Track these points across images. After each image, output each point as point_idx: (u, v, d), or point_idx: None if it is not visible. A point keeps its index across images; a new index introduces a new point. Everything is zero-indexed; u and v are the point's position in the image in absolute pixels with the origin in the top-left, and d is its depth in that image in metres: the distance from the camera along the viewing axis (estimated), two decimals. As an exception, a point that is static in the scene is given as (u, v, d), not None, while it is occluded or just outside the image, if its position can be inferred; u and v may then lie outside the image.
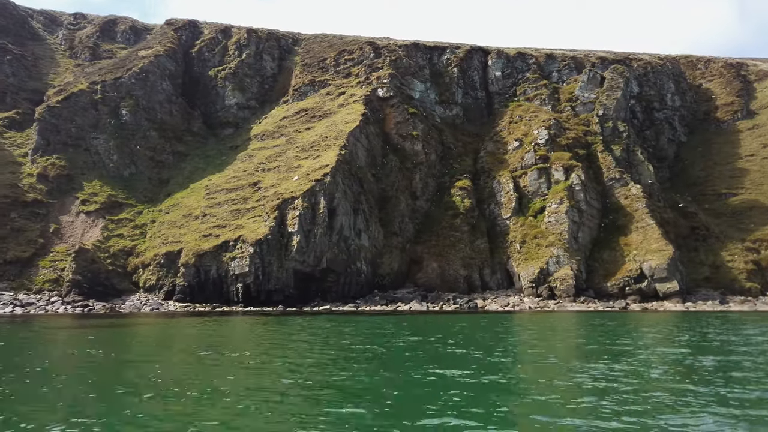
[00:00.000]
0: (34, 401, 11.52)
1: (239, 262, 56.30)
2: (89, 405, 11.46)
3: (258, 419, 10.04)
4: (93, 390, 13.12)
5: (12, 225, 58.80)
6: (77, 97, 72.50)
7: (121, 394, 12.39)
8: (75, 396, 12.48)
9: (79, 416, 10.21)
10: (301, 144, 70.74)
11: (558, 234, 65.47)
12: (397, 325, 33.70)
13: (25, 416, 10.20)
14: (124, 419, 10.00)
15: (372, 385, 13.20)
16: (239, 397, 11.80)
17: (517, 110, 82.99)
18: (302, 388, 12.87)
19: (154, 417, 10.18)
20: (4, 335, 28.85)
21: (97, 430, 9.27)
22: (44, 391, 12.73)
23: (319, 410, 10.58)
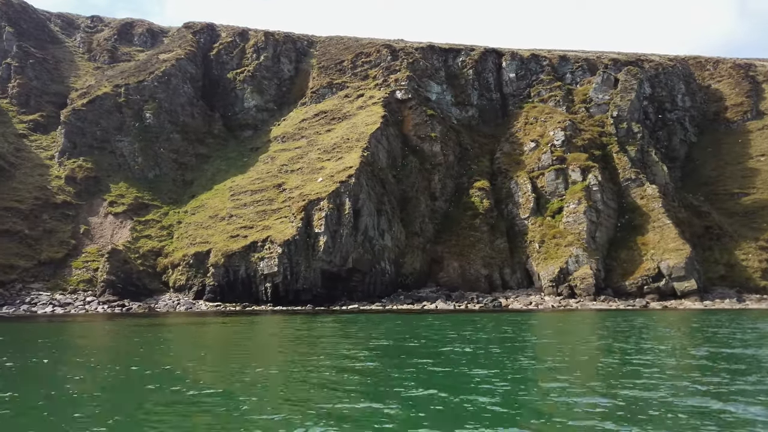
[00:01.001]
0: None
1: (268, 263, 57.57)
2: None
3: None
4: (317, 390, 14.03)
5: (44, 226, 60.06)
6: (102, 100, 73.72)
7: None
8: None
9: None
10: (322, 146, 71.96)
11: (576, 234, 66.74)
12: (451, 322, 34.94)
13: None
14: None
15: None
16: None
17: (532, 111, 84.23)
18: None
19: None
20: (98, 333, 30.10)
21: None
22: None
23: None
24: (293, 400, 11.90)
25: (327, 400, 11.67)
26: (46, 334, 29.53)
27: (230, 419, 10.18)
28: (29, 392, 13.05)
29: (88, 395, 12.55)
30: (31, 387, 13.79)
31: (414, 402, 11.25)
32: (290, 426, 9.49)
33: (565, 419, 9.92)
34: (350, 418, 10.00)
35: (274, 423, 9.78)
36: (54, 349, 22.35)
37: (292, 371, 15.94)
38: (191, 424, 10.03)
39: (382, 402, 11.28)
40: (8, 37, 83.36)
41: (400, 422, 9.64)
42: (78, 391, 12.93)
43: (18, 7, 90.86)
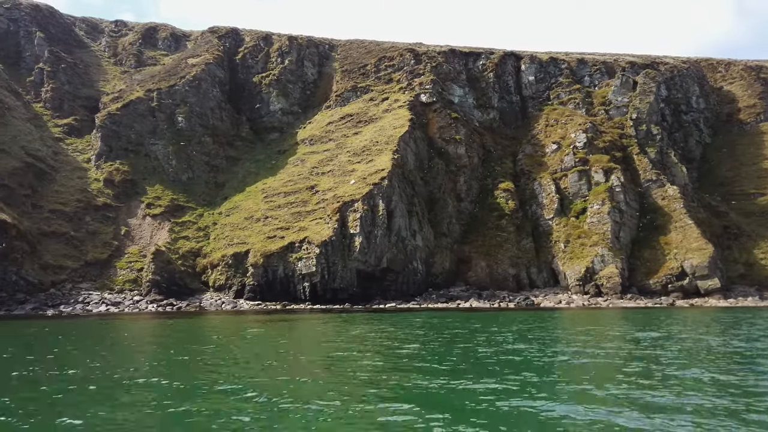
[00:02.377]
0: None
1: (306, 263, 59.38)
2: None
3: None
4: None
5: (87, 228, 61.85)
6: (135, 104, 75.49)
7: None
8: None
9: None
10: (351, 149, 73.74)
11: (601, 234, 68.56)
12: (502, 320, 36.77)
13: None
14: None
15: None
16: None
17: (552, 114, 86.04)
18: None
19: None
20: (189, 331, 31.88)
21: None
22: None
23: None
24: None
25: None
26: (145, 332, 31.27)
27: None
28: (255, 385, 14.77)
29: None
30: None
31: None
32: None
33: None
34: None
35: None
36: (203, 345, 24.15)
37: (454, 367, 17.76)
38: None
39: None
40: (39, 42, 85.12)
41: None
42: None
43: (46, 12, 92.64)
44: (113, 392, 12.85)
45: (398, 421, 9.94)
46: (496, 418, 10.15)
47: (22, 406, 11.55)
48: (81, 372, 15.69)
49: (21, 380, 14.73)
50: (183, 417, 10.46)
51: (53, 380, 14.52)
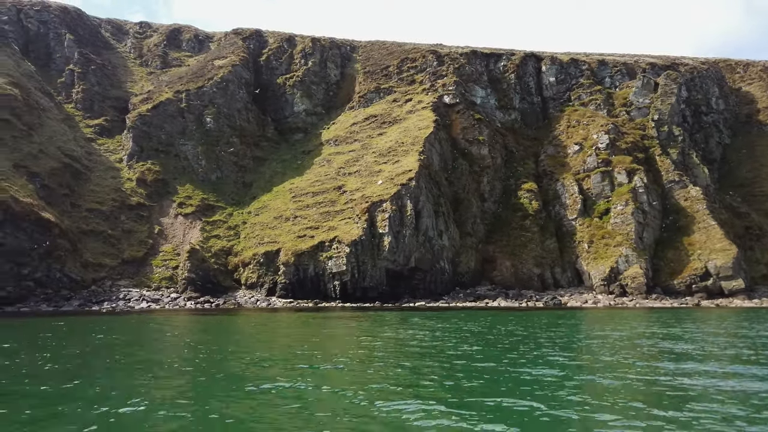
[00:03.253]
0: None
1: (336, 261, 60.63)
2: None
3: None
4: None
5: (122, 227, 63.42)
6: (165, 105, 77.02)
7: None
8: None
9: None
10: (377, 149, 74.90)
11: (625, 234, 69.37)
12: (544, 319, 37.83)
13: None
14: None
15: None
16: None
17: (574, 115, 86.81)
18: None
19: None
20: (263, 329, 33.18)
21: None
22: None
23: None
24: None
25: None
26: (204, 329, 32.54)
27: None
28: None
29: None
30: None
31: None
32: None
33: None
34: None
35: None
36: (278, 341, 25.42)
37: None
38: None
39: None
40: (69, 44, 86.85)
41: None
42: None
43: (74, 13, 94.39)
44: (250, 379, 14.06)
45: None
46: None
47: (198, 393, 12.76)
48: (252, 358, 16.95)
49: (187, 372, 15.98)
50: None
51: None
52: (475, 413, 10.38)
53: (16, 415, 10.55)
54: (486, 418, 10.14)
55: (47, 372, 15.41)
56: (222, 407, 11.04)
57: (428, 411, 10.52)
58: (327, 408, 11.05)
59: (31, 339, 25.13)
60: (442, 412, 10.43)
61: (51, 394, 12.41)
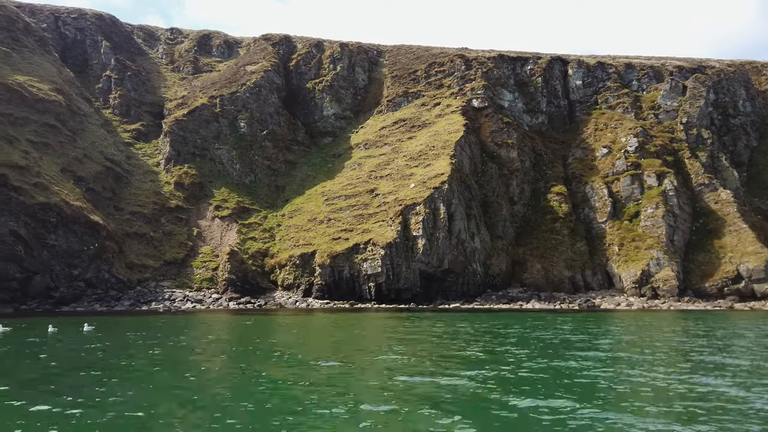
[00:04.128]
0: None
1: (371, 263, 61.86)
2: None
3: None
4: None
5: (163, 229, 65.25)
6: (200, 110, 78.91)
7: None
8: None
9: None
10: (407, 153, 76.03)
11: (656, 237, 69.73)
12: (592, 321, 38.66)
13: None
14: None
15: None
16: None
17: (601, 118, 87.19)
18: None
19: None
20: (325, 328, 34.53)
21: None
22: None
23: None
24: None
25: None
26: (281, 328, 33.92)
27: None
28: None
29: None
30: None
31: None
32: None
33: None
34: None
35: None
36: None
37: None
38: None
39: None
40: (106, 50, 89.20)
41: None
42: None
43: (108, 20, 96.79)
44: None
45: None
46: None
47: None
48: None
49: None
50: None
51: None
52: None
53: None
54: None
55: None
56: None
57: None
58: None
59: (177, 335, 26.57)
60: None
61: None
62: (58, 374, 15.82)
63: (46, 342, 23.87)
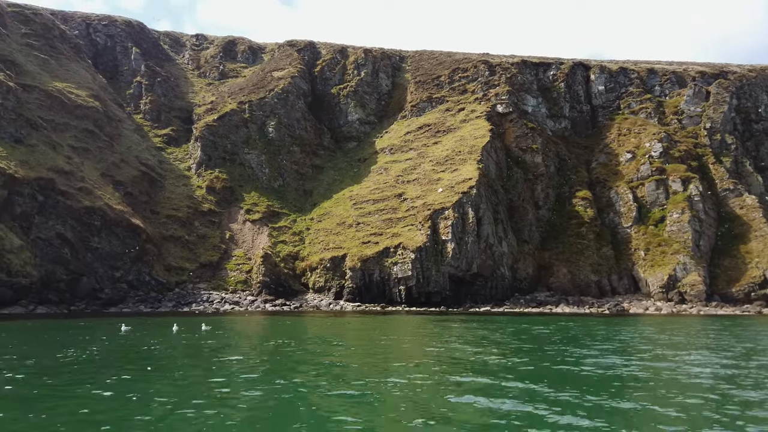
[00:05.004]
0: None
1: (401, 267, 62.92)
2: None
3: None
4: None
5: (197, 232, 66.72)
6: (230, 116, 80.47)
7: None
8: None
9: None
10: (433, 158, 77.08)
11: (682, 242, 70.22)
12: (632, 325, 39.44)
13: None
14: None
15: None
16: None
17: (624, 123, 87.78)
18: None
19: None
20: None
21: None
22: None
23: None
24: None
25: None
26: (339, 331, 35.04)
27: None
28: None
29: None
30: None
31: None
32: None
33: None
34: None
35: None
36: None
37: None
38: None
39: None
40: (136, 57, 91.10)
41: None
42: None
43: (137, 27, 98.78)
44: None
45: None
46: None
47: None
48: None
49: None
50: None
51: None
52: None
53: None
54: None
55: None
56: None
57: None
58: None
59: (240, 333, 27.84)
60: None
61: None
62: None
63: (174, 339, 25.40)
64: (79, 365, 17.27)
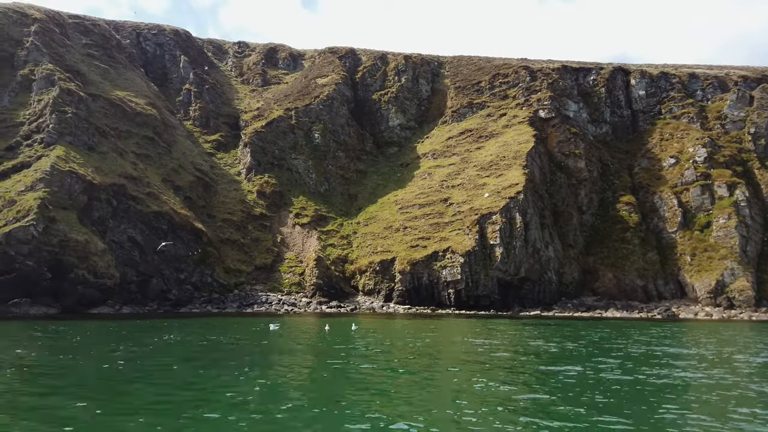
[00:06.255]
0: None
1: (450, 271, 64.22)
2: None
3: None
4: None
5: (251, 236, 68.90)
6: (278, 122, 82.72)
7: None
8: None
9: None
10: (477, 163, 78.20)
11: (729, 248, 70.19)
12: (717, 331, 40.19)
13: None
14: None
15: None
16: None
17: (666, 128, 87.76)
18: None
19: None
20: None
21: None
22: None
23: None
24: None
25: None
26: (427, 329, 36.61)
27: None
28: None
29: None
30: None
31: None
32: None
33: None
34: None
35: None
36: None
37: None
38: None
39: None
40: (184, 65, 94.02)
41: None
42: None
43: (183, 36, 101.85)
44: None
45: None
46: None
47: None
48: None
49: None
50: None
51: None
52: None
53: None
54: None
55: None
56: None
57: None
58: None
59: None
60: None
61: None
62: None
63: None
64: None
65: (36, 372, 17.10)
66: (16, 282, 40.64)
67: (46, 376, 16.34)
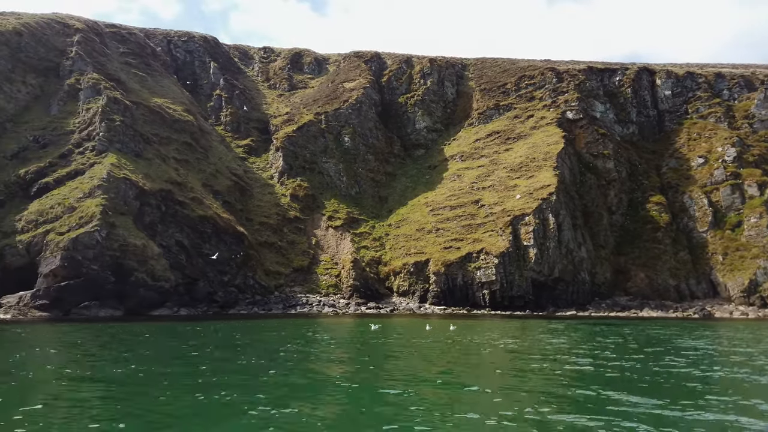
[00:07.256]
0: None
1: (485, 272, 65.11)
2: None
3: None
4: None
5: (286, 239, 70.29)
6: (308, 126, 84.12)
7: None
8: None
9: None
10: (507, 164, 79.01)
11: (761, 247, 70.36)
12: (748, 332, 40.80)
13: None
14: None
15: None
16: None
17: (694, 128, 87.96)
18: None
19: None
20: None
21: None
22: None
23: None
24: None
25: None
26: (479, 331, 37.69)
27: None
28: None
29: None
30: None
31: None
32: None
33: None
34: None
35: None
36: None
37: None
38: None
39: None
40: (214, 71, 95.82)
41: None
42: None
43: (212, 42, 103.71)
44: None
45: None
46: None
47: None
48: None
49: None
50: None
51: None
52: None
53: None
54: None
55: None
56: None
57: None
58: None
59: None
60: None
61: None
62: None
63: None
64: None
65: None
66: (85, 286, 42.29)
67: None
